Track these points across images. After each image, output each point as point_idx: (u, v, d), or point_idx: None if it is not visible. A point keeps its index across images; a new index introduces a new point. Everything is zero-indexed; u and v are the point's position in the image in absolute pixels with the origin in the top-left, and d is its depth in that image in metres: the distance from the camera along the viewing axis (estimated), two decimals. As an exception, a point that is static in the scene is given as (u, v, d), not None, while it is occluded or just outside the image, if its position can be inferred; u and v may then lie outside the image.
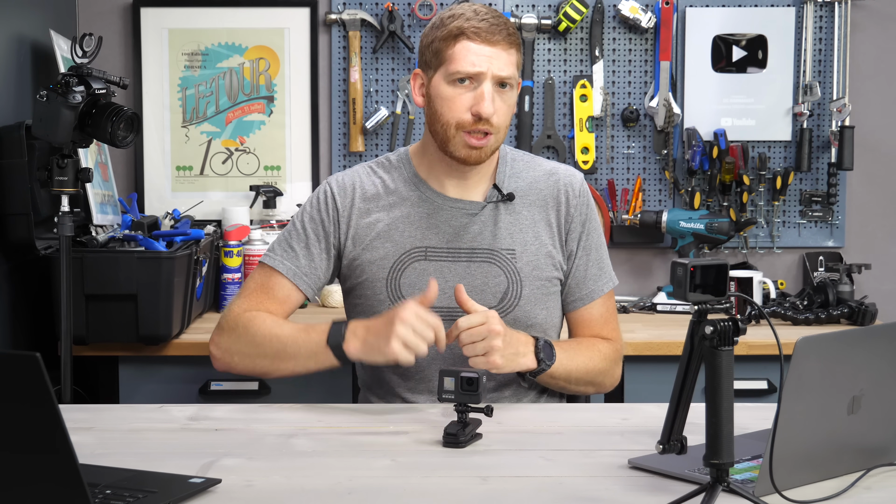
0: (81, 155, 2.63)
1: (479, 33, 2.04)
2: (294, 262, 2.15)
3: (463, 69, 2.04)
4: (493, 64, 2.04)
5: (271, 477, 1.60)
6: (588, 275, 2.21)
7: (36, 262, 2.75)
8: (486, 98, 2.04)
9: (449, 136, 2.08)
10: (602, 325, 2.23)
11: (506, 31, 2.06)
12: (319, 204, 2.18)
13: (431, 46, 2.10)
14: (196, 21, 3.38)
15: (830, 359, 1.50)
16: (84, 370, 2.78)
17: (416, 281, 2.12)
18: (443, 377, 1.78)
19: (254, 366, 2.09)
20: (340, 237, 2.16)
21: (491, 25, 2.05)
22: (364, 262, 2.15)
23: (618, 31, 3.38)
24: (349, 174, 2.21)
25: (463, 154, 2.08)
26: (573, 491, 1.54)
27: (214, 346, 2.13)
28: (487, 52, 2.04)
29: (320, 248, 2.16)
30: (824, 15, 3.38)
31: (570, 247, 2.20)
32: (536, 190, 2.19)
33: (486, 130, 2.06)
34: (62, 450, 1.26)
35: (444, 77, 2.07)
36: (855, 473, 1.58)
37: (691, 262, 1.45)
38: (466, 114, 2.05)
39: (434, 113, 2.10)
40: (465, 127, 2.06)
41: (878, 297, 3.21)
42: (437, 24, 2.10)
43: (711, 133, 3.34)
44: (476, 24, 2.04)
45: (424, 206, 2.15)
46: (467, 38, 2.05)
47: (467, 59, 2.04)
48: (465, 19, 2.06)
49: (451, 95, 2.06)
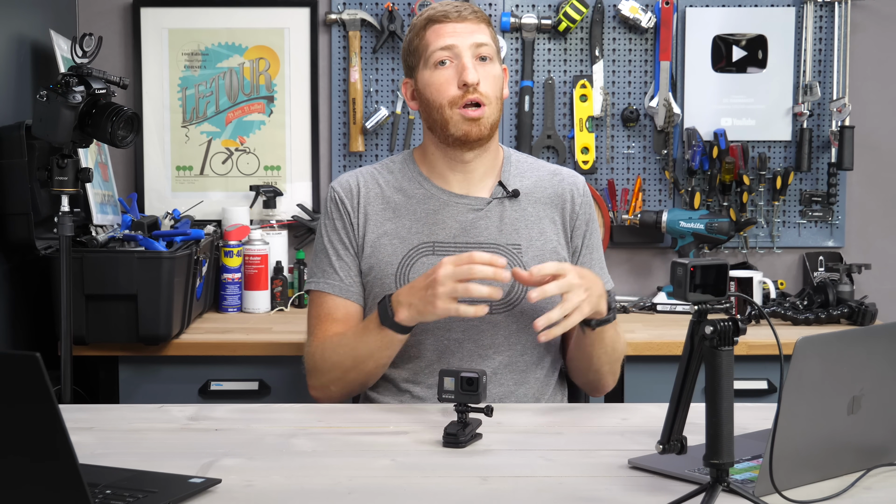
0: (81, 155, 2.63)
1: (446, 14, 2.14)
2: (336, 280, 2.19)
3: (436, 48, 2.12)
4: (465, 36, 2.13)
5: (271, 477, 1.60)
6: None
7: (36, 262, 2.75)
8: (468, 66, 2.10)
9: (446, 118, 2.13)
10: None
11: (471, 9, 2.16)
12: (332, 213, 2.22)
13: (410, 48, 2.19)
14: (196, 21, 3.38)
15: (830, 359, 1.50)
16: (84, 370, 2.78)
17: None
18: (443, 377, 1.78)
19: (349, 384, 2.14)
20: (357, 237, 2.20)
21: (456, 7, 2.15)
22: (374, 259, 2.18)
23: (618, 31, 3.38)
24: (353, 175, 2.25)
25: (464, 129, 2.12)
26: (573, 491, 1.54)
27: (313, 391, 2.18)
28: (457, 28, 2.13)
29: (351, 256, 2.20)
30: (824, 15, 3.38)
31: (576, 243, 2.23)
32: (541, 188, 2.23)
33: (478, 101, 2.11)
34: (62, 450, 1.26)
35: (426, 67, 2.14)
36: (855, 473, 1.58)
37: (691, 262, 1.45)
38: (454, 88, 2.11)
39: (427, 103, 2.15)
40: (457, 102, 2.11)
41: (878, 297, 3.21)
42: (411, 26, 2.21)
43: (711, 133, 3.34)
44: (441, 9, 2.15)
45: (431, 203, 2.18)
46: (435, 21, 2.14)
47: (439, 39, 2.13)
48: (431, 9, 2.16)
49: (436, 79, 2.13)
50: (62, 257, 2.46)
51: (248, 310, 3.18)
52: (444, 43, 2.12)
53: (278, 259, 3.28)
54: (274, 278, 3.24)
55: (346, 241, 2.20)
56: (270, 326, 3.00)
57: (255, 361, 2.81)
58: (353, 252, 2.19)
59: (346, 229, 2.20)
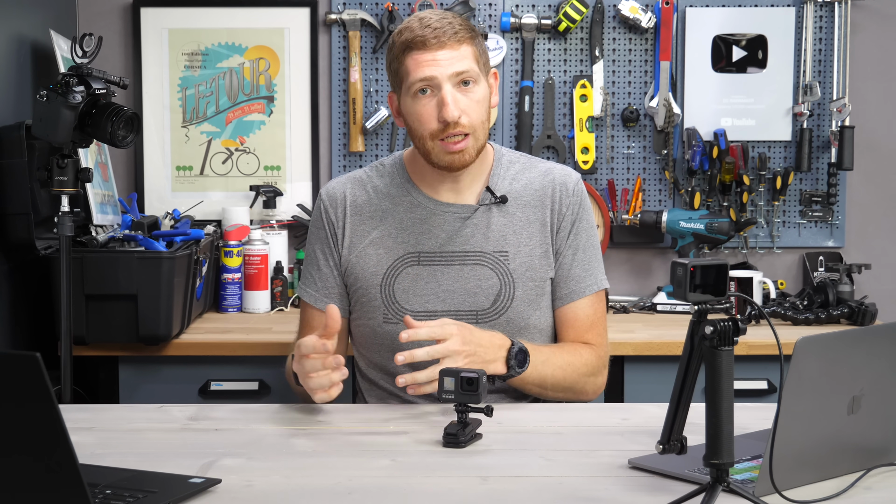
0: (81, 155, 2.63)
1: (425, 41, 2.04)
2: (313, 288, 2.20)
3: (416, 79, 2.05)
4: (444, 66, 2.04)
5: (271, 477, 1.60)
6: (571, 274, 2.18)
7: (36, 262, 2.75)
8: (448, 102, 2.03)
9: (428, 149, 2.09)
10: (587, 329, 2.19)
11: (451, 30, 2.05)
12: (317, 221, 2.22)
13: (391, 68, 2.12)
14: (196, 21, 3.38)
15: (830, 359, 1.50)
16: (84, 370, 2.78)
17: (410, 286, 2.14)
18: (443, 377, 1.78)
19: (303, 395, 2.07)
20: (339, 249, 2.19)
21: (434, 31, 2.04)
22: (359, 268, 2.16)
23: (618, 31, 3.38)
24: (340, 183, 2.23)
25: (446, 161, 2.09)
26: (573, 491, 1.54)
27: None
28: (436, 57, 2.04)
29: (330, 265, 2.19)
30: (824, 15, 3.38)
31: (559, 244, 2.18)
32: (531, 191, 2.19)
33: (461, 132, 2.06)
34: (62, 450, 1.26)
35: (406, 94, 2.09)
36: (855, 473, 1.58)
37: (691, 262, 1.45)
38: (434, 122, 2.05)
39: (409, 129, 2.12)
40: (437, 136, 2.06)
41: (878, 297, 3.21)
42: (391, 44, 2.12)
43: (711, 133, 3.34)
44: (420, 34, 2.04)
45: (417, 212, 2.16)
46: (414, 49, 2.05)
47: (418, 69, 2.05)
48: (410, 31, 2.06)
49: (417, 109, 2.07)
50: (62, 257, 2.46)
51: (248, 310, 3.18)
52: (423, 74, 2.04)
53: (278, 259, 3.28)
54: (274, 278, 3.24)
55: (327, 252, 2.19)
56: (270, 326, 3.00)
57: (255, 361, 2.81)
58: (333, 263, 2.18)
59: (329, 239, 2.19)
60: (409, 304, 2.13)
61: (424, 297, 2.13)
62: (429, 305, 2.13)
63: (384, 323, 2.14)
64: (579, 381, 2.13)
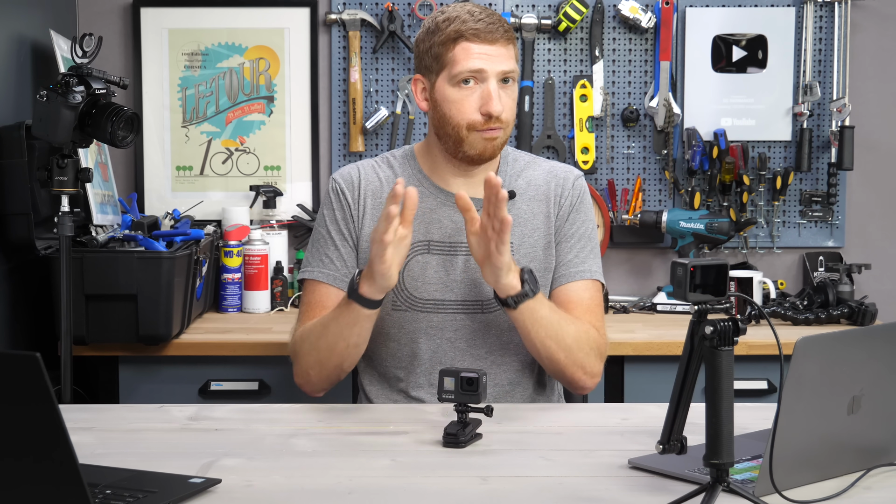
0: (81, 155, 2.63)
1: (477, 34, 2.08)
2: (331, 269, 2.17)
3: (466, 70, 2.08)
4: (495, 61, 2.08)
5: (271, 477, 1.60)
6: (565, 259, 2.19)
7: (36, 262, 2.75)
8: (494, 96, 2.08)
9: (462, 137, 2.11)
10: (584, 312, 2.16)
11: (502, 28, 2.10)
12: (333, 203, 2.21)
13: (431, 51, 2.12)
14: (196, 21, 3.38)
15: (830, 359, 1.50)
16: (84, 370, 2.78)
17: (420, 274, 2.16)
18: (443, 377, 1.78)
19: (326, 369, 2.09)
20: (356, 229, 2.19)
21: (488, 25, 2.09)
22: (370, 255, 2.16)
23: (618, 31, 3.38)
24: (353, 168, 2.24)
25: (480, 148, 2.11)
26: (573, 491, 1.54)
27: (296, 377, 2.15)
28: (488, 51, 2.08)
29: (349, 247, 2.19)
30: (824, 15, 3.38)
31: (558, 234, 2.20)
32: (535, 186, 2.22)
33: (499, 126, 2.10)
34: (62, 450, 1.26)
35: (447, 80, 2.10)
36: (855, 473, 1.58)
37: (691, 262, 1.45)
38: (476, 114, 2.09)
39: (443, 116, 2.12)
40: (476, 127, 2.09)
41: (878, 297, 3.21)
42: (433, 28, 2.13)
43: (711, 133, 3.34)
44: (473, 26, 2.08)
45: (428, 202, 2.18)
46: (466, 39, 2.08)
47: (469, 60, 2.08)
48: (462, 21, 2.09)
49: (458, 98, 2.10)
50: (62, 257, 2.46)
51: (248, 310, 3.18)
52: (474, 66, 2.07)
53: (278, 259, 3.28)
54: (274, 278, 3.24)
55: (345, 232, 2.19)
56: (270, 326, 3.00)
57: (255, 361, 2.81)
58: (352, 244, 2.19)
59: (346, 220, 2.19)
60: (417, 291, 2.15)
61: (433, 286, 2.15)
62: (436, 294, 2.15)
63: (393, 310, 2.15)
64: (574, 344, 2.07)
